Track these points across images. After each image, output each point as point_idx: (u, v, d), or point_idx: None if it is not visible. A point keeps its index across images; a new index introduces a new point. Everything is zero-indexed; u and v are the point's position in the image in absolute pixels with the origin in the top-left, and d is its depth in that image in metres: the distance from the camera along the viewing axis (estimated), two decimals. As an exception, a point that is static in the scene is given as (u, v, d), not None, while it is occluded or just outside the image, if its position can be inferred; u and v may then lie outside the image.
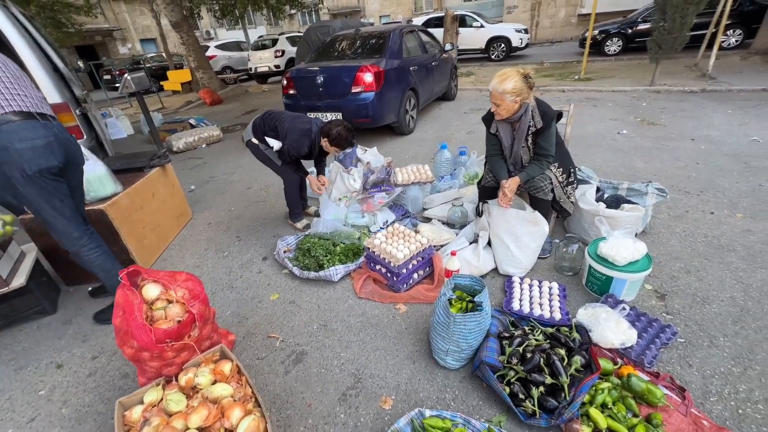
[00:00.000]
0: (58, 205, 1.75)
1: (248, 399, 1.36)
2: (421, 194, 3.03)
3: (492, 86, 1.96)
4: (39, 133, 1.64)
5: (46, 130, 1.67)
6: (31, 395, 1.73)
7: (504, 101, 1.95)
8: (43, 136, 1.65)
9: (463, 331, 1.55)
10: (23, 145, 1.58)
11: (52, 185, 1.71)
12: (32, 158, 1.61)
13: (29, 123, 1.63)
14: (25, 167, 1.60)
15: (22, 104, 1.64)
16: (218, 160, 5.01)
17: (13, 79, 1.68)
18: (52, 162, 1.68)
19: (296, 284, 2.33)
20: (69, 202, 1.81)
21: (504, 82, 1.92)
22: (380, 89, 4.44)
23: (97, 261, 1.92)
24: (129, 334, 1.35)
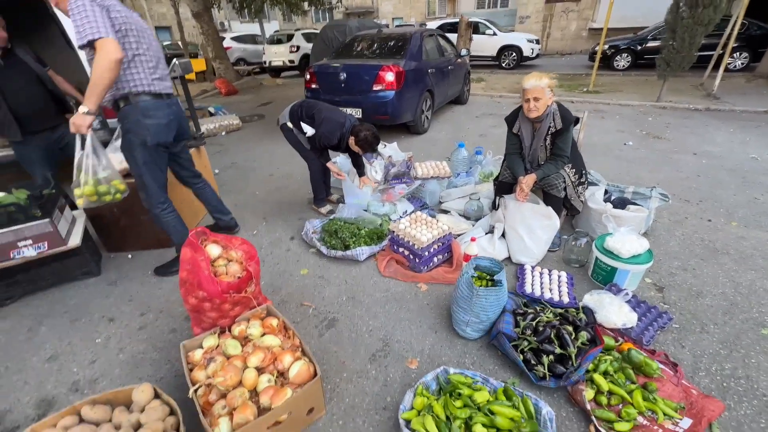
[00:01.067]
0: (157, 174, 2.11)
1: (296, 348, 1.55)
2: (439, 188, 3.22)
3: (531, 84, 2.16)
4: (164, 113, 1.99)
5: (169, 108, 2.03)
6: (88, 342, 1.92)
7: (544, 95, 2.16)
8: (166, 116, 2.01)
9: (483, 303, 1.74)
10: (150, 122, 1.94)
11: (160, 157, 2.09)
12: (155, 133, 1.97)
13: (159, 102, 1.96)
14: (147, 139, 1.95)
15: (158, 87, 1.95)
16: (238, 147, 5.20)
17: (154, 61, 1.94)
18: (168, 138, 2.06)
19: (324, 262, 2.52)
20: (165, 173, 2.19)
21: (542, 78, 2.14)
22: (400, 89, 4.64)
23: (173, 222, 2.26)
24: (196, 285, 1.54)
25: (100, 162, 1.85)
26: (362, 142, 2.72)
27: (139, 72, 1.86)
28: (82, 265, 2.36)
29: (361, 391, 1.61)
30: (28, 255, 2.07)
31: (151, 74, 1.90)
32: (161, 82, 1.96)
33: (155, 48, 1.94)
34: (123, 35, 1.77)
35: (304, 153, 2.95)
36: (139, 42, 1.83)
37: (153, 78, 1.91)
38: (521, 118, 2.34)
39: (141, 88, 1.88)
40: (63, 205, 2.32)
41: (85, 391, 1.65)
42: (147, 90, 1.90)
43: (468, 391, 1.46)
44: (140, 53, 1.85)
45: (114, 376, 1.72)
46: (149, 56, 1.89)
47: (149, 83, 1.89)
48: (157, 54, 1.94)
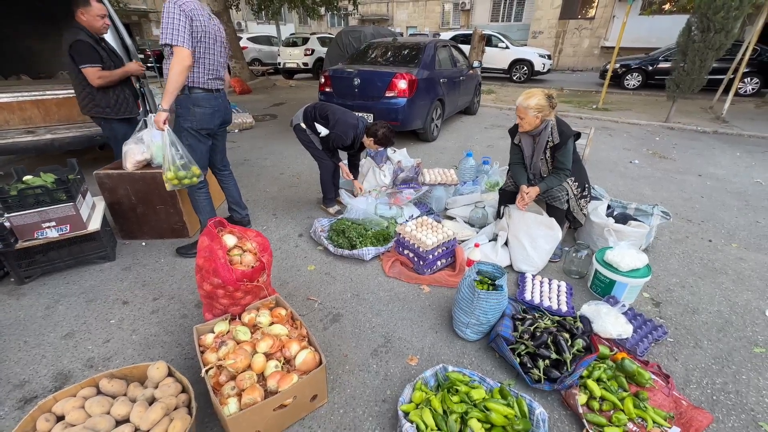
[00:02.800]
0: (199, 156, 2.36)
1: (303, 338, 1.62)
2: (445, 195, 3.30)
3: (518, 102, 2.27)
4: (211, 104, 2.29)
5: (216, 101, 2.33)
6: (103, 323, 2.00)
7: (527, 115, 2.24)
8: (212, 106, 2.30)
9: (484, 306, 1.81)
10: (199, 110, 2.24)
11: (204, 141, 2.38)
12: (200, 120, 2.27)
13: (208, 95, 2.26)
14: (194, 124, 2.27)
15: (210, 84, 2.25)
16: (250, 145, 5.31)
17: (213, 63, 2.22)
18: (211, 125, 2.35)
19: (330, 259, 2.60)
20: (207, 156, 2.49)
21: (529, 99, 2.22)
22: (412, 96, 4.75)
23: (204, 203, 2.52)
24: (211, 272, 1.62)
25: (177, 152, 2.11)
26: (382, 140, 2.87)
27: (199, 71, 2.16)
28: (99, 250, 2.45)
29: (362, 383, 1.67)
30: (51, 236, 2.17)
31: (206, 74, 2.20)
32: (214, 81, 2.27)
33: (218, 52, 2.24)
34: (197, 41, 2.07)
35: (316, 153, 3.04)
36: (207, 48, 2.15)
37: (208, 78, 2.21)
38: (521, 131, 2.42)
39: (196, 83, 2.18)
40: (85, 190, 2.42)
41: (99, 367, 1.73)
42: (200, 86, 2.19)
43: (465, 389, 1.52)
44: (203, 56, 2.15)
45: (127, 355, 1.80)
46: (210, 59, 2.19)
47: (203, 81, 2.20)
48: (217, 57, 2.25)
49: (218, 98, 2.33)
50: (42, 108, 3.52)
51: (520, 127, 2.34)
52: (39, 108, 3.51)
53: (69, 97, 3.56)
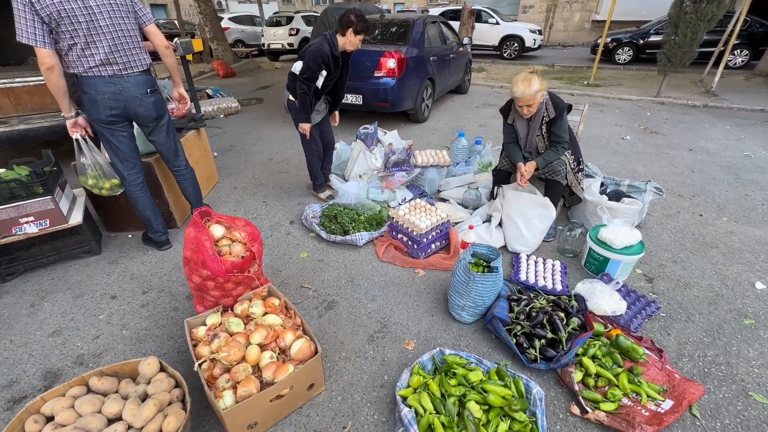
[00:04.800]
0: (113, 148, 2.14)
1: (297, 327, 1.60)
2: (438, 177, 3.25)
3: (521, 93, 2.15)
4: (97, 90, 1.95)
5: (107, 87, 1.97)
6: (92, 318, 1.95)
7: (534, 101, 2.18)
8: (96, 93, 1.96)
9: (480, 288, 1.79)
10: (85, 97, 1.96)
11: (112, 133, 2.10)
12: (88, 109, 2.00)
13: (91, 79, 1.92)
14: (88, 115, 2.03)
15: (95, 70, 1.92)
16: (237, 130, 5.16)
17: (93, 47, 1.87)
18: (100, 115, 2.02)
19: (323, 246, 2.56)
20: (130, 150, 2.20)
21: (531, 85, 2.13)
22: (401, 76, 4.62)
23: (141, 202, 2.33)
24: (200, 264, 1.57)
25: (88, 161, 2.08)
26: (358, 23, 2.48)
27: (77, 59, 1.85)
28: (83, 244, 2.37)
29: (359, 370, 1.66)
30: (30, 231, 2.08)
31: (87, 61, 1.86)
32: (103, 66, 1.91)
33: (107, 28, 1.86)
34: (56, 25, 1.73)
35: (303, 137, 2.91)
36: (75, 30, 1.77)
37: (90, 65, 1.88)
38: (514, 110, 2.36)
39: (76, 70, 1.88)
40: (64, 183, 2.32)
41: (90, 364, 1.69)
42: (82, 73, 1.89)
43: (462, 371, 1.52)
44: (76, 42, 1.80)
45: (118, 351, 1.76)
46: (88, 40, 1.83)
47: (85, 70, 1.88)
48: (107, 36, 1.87)
49: (109, 84, 1.94)
50: (12, 97, 3.33)
51: (527, 113, 2.26)
52: (9, 97, 3.32)
53: (40, 84, 3.37)
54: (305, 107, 2.65)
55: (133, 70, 2.01)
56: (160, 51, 2.12)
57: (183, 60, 3.01)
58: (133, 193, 2.26)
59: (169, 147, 2.34)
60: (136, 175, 2.24)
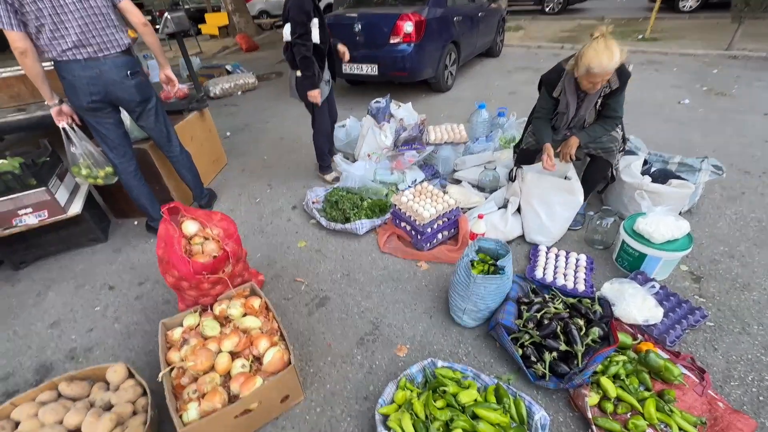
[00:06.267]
0: (100, 135, 2.08)
1: (274, 332, 1.48)
2: (453, 155, 2.95)
3: (604, 67, 1.67)
4: (72, 74, 1.86)
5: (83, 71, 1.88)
6: (88, 310, 1.96)
7: (611, 74, 1.75)
8: (72, 77, 1.87)
9: (482, 292, 1.57)
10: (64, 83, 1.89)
11: (95, 120, 2.03)
12: (68, 95, 1.94)
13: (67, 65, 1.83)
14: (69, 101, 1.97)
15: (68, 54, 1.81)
16: (253, 108, 5.04)
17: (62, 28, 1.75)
18: (80, 102, 1.94)
19: (323, 234, 2.41)
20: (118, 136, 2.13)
21: (614, 57, 1.66)
22: (420, 41, 4.19)
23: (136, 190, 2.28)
24: (170, 264, 1.47)
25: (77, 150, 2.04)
26: None
27: (49, 42, 1.74)
28: (88, 232, 2.40)
29: (343, 378, 1.53)
30: (30, 223, 2.10)
31: (59, 44, 1.75)
32: (76, 49, 1.79)
33: (72, 8, 1.72)
34: (19, 5, 1.62)
35: (312, 105, 2.65)
36: (39, 9, 1.65)
37: (63, 49, 1.77)
38: (568, 81, 1.92)
39: (50, 54, 1.78)
40: (63, 173, 2.31)
41: (80, 359, 1.70)
42: (56, 57, 1.79)
43: (454, 389, 1.34)
44: (43, 23, 1.69)
45: (108, 345, 1.75)
46: (56, 23, 1.71)
47: (58, 54, 1.78)
48: (76, 18, 1.74)
49: (86, 68, 1.83)
50: (29, 83, 3.39)
51: (591, 90, 1.83)
52: (26, 84, 3.38)
53: (53, 69, 3.38)
54: (310, 71, 2.38)
55: (110, 52, 1.88)
56: (138, 29, 1.96)
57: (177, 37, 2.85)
58: (126, 181, 2.21)
59: (160, 131, 2.24)
60: (127, 163, 2.17)
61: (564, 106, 2.00)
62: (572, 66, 1.82)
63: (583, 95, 1.93)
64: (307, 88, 2.46)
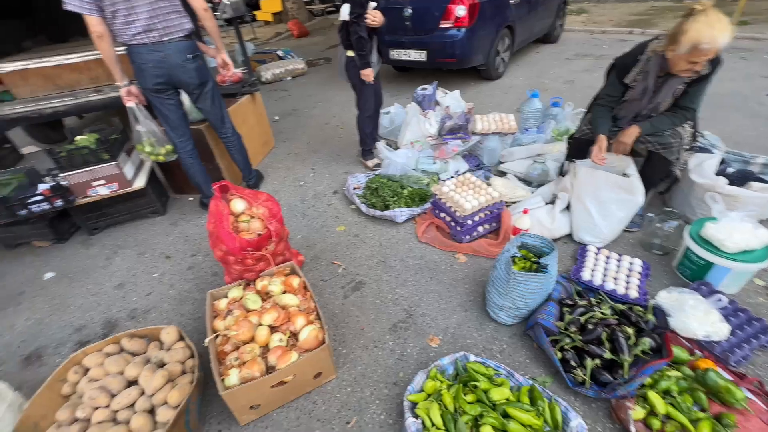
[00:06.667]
0: (162, 115, 2.24)
1: (311, 311, 1.53)
2: (500, 146, 2.83)
3: (715, 42, 1.46)
4: (141, 58, 2.01)
5: (150, 55, 2.02)
6: (148, 276, 2.15)
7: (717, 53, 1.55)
8: (141, 61, 2.03)
9: (522, 290, 1.50)
10: (134, 66, 2.05)
11: (159, 100, 2.19)
12: (137, 78, 2.11)
13: (137, 48, 1.98)
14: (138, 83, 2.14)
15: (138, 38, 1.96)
16: (301, 93, 5.16)
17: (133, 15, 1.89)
18: (146, 84, 2.12)
19: (362, 220, 2.43)
20: (178, 117, 2.29)
21: (728, 31, 1.46)
22: (472, 25, 4.02)
23: (192, 169, 2.44)
24: (218, 239, 1.56)
25: (144, 129, 2.21)
26: None
27: (122, 27, 1.89)
28: (150, 205, 2.61)
29: (374, 361, 1.56)
30: (103, 193, 2.33)
31: (129, 29, 1.90)
32: (145, 33, 1.93)
33: None
34: None
35: (360, 87, 2.68)
36: (113, 1, 1.81)
37: (133, 33, 1.91)
38: (654, 64, 1.72)
39: (123, 39, 1.94)
40: (130, 149, 2.52)
41: (139, 319, 1.87)
42: (126, 42, 1.95)
43: (486, 385, 1.31)
44: (118, 9, 1.83)
45: (162, 309, 1.92)
46: (128, 10, 1.85)
47: (129, 38, 1.92)
48: (140, 2, 1.86)
49: (152, 52, 1.98)
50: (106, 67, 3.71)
51: (685, 72, 1.61)
52: (103, 67, 3.70)
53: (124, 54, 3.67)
54: (364, 50, 2.45)
55: (174, 36, 2.00)
56: (198, 14, 2.06)
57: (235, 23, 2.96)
58: (184, 159, 2.37)
59: (215, 114, 2.37)
60: (185, 142, 2.32)
61: (639, 93, 1.81)
62: (664, 46, 1.64)
63: (662, 81, 1.74)
64: (360, 67, 2.51)
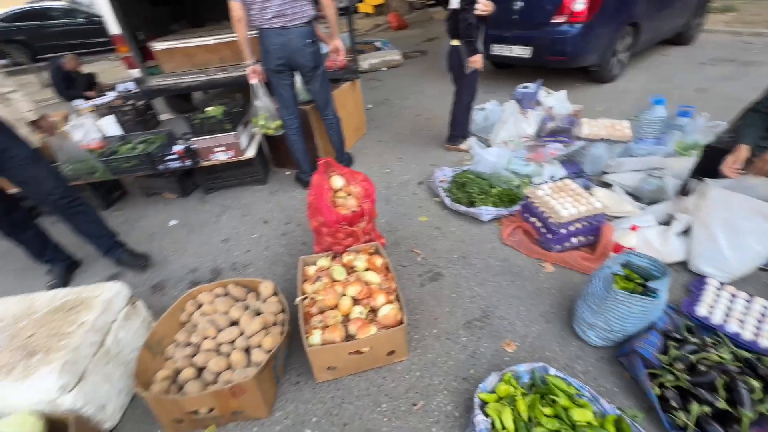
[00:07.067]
0: (277, 94, 2.48)
1: (391, 292, 1.58)
2: (607, 155, 2.56)
3: None
4: (268, 41, 2.24)
5: (277, 39, 2.24)
6: (248, 235, 2.43)
7: None
8: (270, 44, 2.25)
9: (621, 312, 1.37)
10: (261, 48, 2.28)
11: (277, 80, 2.43)
12: (262, 59, 2.34)
13: (266, 32, 2.21)
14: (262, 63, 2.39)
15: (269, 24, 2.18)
16: (395, 84, 5.26)
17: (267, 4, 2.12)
18: (269, 64, 2.35)
19: (444, 213, 2.42)
20: (290, 97, 2.52)
21: None
22: (590, 20, 3.68)
23: (294, 146, 2.67)
24: (317, 210, 1.69)
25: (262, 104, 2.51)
26: None
27: (258, 12, 2.14)
28: (255, 174, 2.93)
29: (446, 353, 1.56)
30: (221, 159, 2.67)
31: (264, 14, 2.14)
32: (275, 18, 2.15)
33: None
34: None
35: (459, 76, 2.75)
36: None
37: (266, 18, 2.15)
38: None
39: (256, 23, 2.20)
40: (247, 122, 2.84)
41: (239, 271, 2.13)
42: (259, 26, 2.20)
43: (566, 402, 1.23)
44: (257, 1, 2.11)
45: (258, 266, 2.15)
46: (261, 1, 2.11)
47: (262, 22, 2.17)
48: None
49: (279, 36, 2.20)
50: (232, 49, 4.20)
51: None
52: (230, 49, 4.20)
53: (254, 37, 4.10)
54: (472, 37, 2.52)
55: (299, 22, 2.19)
56: (323, 2, 2.22)
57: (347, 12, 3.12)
58: (289, 136, 2.59)
59: (322, 96, 2.54)
60: (293, 120, 2.54)
61: None
62: None
63: None
64: (468, 54, 2.56)
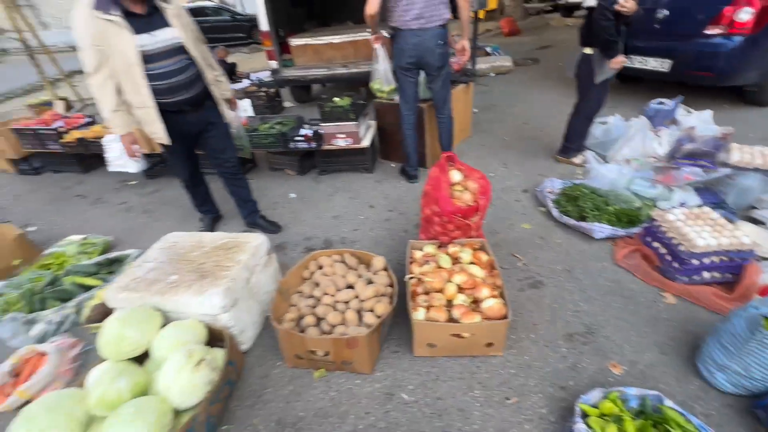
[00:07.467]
0: (402, 90, 2.67)
1: (495, 288, 1.62)
2: (761, 187, 2.22)
3: None
4: (403, 41, 2.43)
5: (412, 39, 2.40)
6: (355, 216, 2.66)
7: None
8: (404, 43, 2.43)
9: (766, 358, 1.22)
10: (395, 47, 2.50)
11: (401, 77, 2.63)
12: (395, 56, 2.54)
13: (401, 33, 2.39)
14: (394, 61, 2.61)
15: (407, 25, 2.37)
16: (503, 90, 5.17)
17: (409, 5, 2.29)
18: (400, 62, 2.53)
19: (550, 224, 2.36)
20: (412, 93, 2.68)
21: None
22: (756, 34, 3.17)
23: (407, 137, 2.83)
24: (433, 200, 1.81)
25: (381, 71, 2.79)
26: None
27: (401, 13, 2.31)
28: (365, 162, 3.18)
29: (543, 358, 1.55)
30: (341, 145, 2.97)
31: (403, 15, 2.30)
32: (415, 20, 2.30)
33: None
34: None
35: (587, 86, 2.65)
36: None
37: (404, 19, 2.31)
38: None
39: (394, 23, 2.38)
40: (366, 113, 3.10)
41: (347, 244, 2.37)
42: (396, 25, 2.37)
43: (682, 437, 1.15)
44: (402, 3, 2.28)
45: (363, 243, 2.36)
46: (408, 1, 2.27)
47: (402, 23, 2.33)
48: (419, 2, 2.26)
49: (414, 36, 2.34)
50: (353, 47, 4.58)
51: None
52: (353, 47, 4.59)
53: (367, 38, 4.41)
54: (612, 37, 2.38)
55: (435, 24, 2.33)
56: (459, 3, 2.33)
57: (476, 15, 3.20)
58: (405, 130, 2.77)
59: (442, 95, 2.66)
60: (411, 115, 2.71)
61: None
62: None
63: None
64: (608, 56, 2.45)
